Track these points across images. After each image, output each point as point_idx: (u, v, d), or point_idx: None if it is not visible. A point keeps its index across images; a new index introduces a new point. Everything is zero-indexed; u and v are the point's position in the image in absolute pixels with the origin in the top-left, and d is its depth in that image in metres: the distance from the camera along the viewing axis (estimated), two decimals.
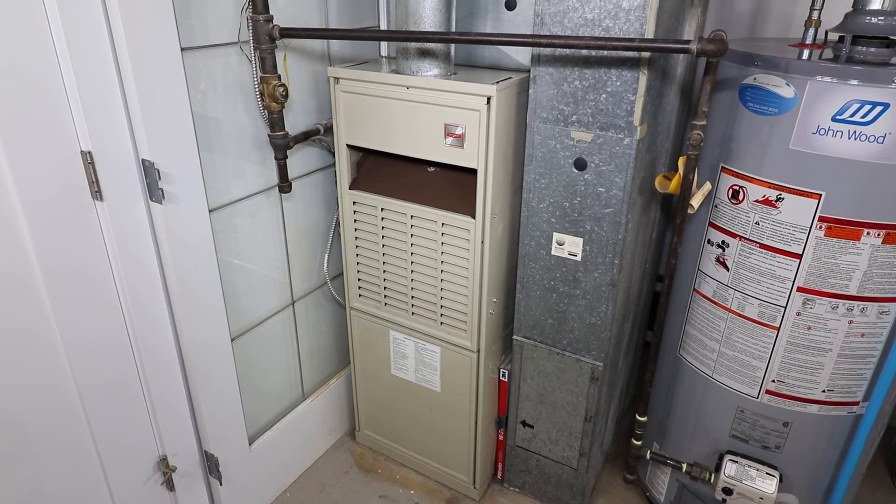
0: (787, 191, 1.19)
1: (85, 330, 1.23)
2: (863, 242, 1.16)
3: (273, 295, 1.67)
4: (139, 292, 1.31)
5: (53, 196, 1.12)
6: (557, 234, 1.39)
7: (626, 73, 1.19)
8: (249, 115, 1.44)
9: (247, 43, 1.37)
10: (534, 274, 1.46)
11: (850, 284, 1.20)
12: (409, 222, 1.51)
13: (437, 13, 1.34)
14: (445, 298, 1.55)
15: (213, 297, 1.44)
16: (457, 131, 1.35)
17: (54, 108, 1.08)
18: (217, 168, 1.39)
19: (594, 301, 1.41)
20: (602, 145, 1.26)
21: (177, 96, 1.22)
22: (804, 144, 1.15)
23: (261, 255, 1.59)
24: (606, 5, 1.15)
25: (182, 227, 1.30)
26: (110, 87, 1.14)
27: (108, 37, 1.10)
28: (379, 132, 1.47)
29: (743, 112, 1.24)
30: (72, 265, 1.18)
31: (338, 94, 1.49)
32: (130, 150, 1.21)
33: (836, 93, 1.10)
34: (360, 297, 1.72)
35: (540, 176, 1.36)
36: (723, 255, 1.34)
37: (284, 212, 1.62)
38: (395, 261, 1.59)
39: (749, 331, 1.33)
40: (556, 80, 1.26)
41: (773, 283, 1.26)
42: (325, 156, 1.70)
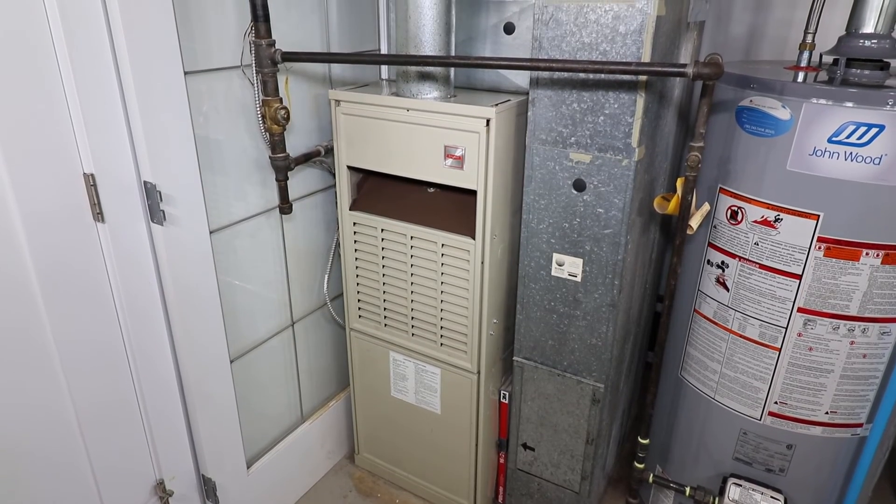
0: (785, 211, 1.20)
1: (83, 351, 1.23)
2: (862, 263, 1.16)
3: (273, 316, 1.67)
4: (139, 314, 1.31)
5: (55, 218, 1.12)
6: (557, 254, 1.39)
7: (623, 96, 1.20)
8: (251, 137, 1.45)
9: (249, 67, 1.39)
10: (534, 294, 1.46)
11: (850, 305, 1.20)
12: (409, 243, 1.52)
13: (437, 37, 1.36)
14: (445, 319, 1.55)
15: (213, 319, 1.43)
16: (456, 153, 1.36)
17: (58, 132, 1.09)
18: (218, 189, 1.40)
19: (594, 322, 1.41)
20: (601, 167, 1.27)
21: (179, 119, 1.23)
22: (801, 165, 1.16)
23: (261, 276, 1.59)
24: (603, 30, 1.17)
25: (183, 249, 1.31)
26: (114, 110, 1.15)
27: (113, 61, 1.12)
28: (379, 154, 1.48)
29: (740, 133, 1.25)
30: (72, 287, 1.18)
31: (339, 117, 1.50)
32: (132, 172, 1.22)
33: (831, 115, 1.11)
34: (359, 317, 1.72)
35: (539, 197, 1.36)
36: (723, 276, 1.34)
37: (285, 232, 1.63)
38: (395, 281, 1.59)
39: (750, 352, 1.32)
40: (555, 103, 1.28)
41: (774, 304, 1.26)
42: (325, 177, 1.71)
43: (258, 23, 1.33)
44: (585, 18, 1.18)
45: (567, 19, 1.20)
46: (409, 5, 1.34)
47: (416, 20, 1.34)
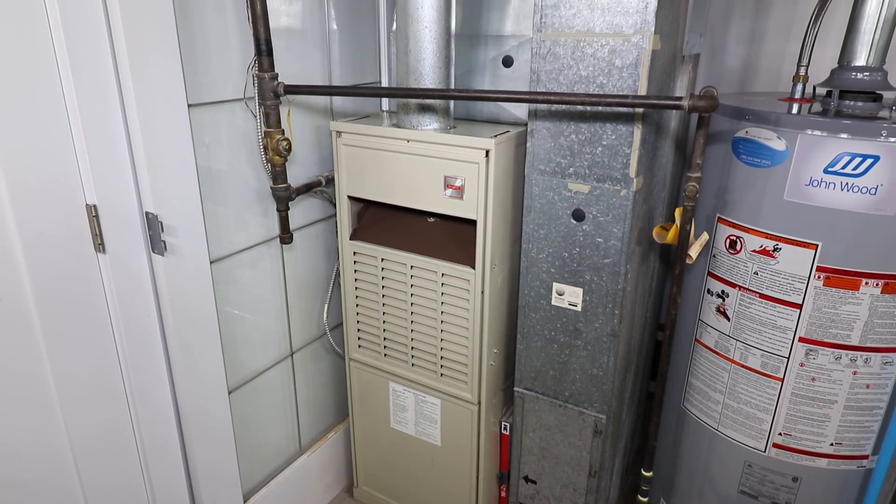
0: (783, 241, 1.20)
1: (80, 381, 1.22)
2: (862, 292, 1.16)
3: (272, 346, 1.66)
4: (137, 345, 1.31)
5: (56, 249, 1.13)
6: (557, 284, 1.39)
7: (620, 128, 1.22)
8: (252, 168, 1.47)
9: (252, 99, 1.41)
10: (534, 324, 1.46)
11: (851, 335, 1.19)
12: (409, 272, 1.52)
13: (437, 70, 1.39)
14: (446, 349, 1.54)
15: (212, 350, 1.43)
16: (456, 183, 1.38)
17: (62, 163, 1.10)
18: (219, 219, 1.41)
19: (595, 352, 1.40)
20: (599, 197, 1.28)
21: (182, 151, 1.25)
22: (798, 195, 1.17)
23: (260, 306, 1.59)
24: (600, 63, 1.20)
25: (183, 280, 1.31)
26: (117, 141, 1.17)
27: (118, 94, 1.14)
28: (380, 184, 1.49)
29: (737, 164, 1.26)
30: (71, 317, 1.18)
31: (339, 147, 1.52)
32: (135, 203, 1.22)
33: (826, 146, 1.12)
34: (359, 347, 1.71)
35: (539, 227, 1.37)
36: (723, 305, 1.34)
37: (285, 262, 1.63)
38: (395, 311, 1.59)
39: (753, 382, 1.31)
40: (553, 134, 1.29)
41: (775, 334, 1.25)
42: (326, 207, 1.72)
43: (261, 56, 1.36)
44: (582, 52, 1.20)
45: (564, 53, 1.22)
46: (409, 39, 1.37)
47: (416, 54, 1.37)
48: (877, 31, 1.22)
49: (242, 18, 1.35)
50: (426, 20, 1.34)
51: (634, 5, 1.13)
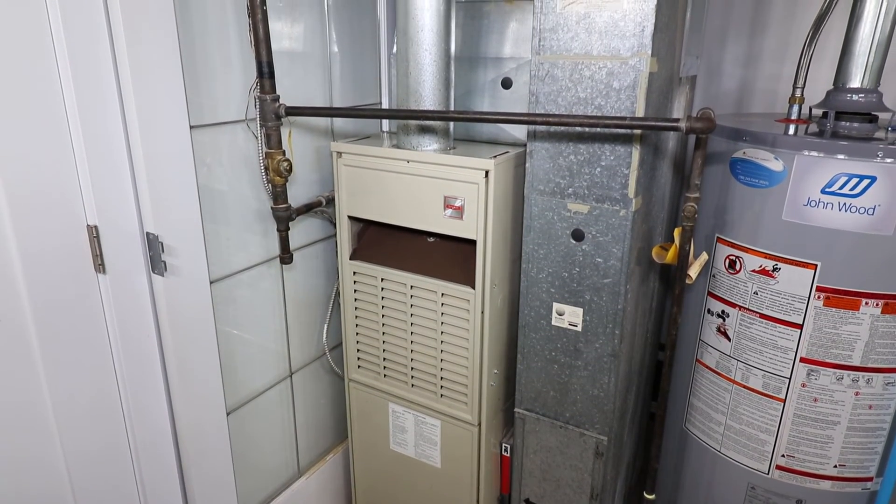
0: (782, 261, 1.21)
1: (77, 400, 1.21)
2: (862, 312, 1.16)
3: (271, 366, 1.65)
4: (135, 366, 1.30)
5: (56, 269, 1.13)
6: (557, 304, 1.39)
7: (619, 148, 1.23)
8: (253, 188, 1.47)
9: (253, 120, 1.42)
10: (534, 344, 1.45)
11: (852, 355, 1.19)
12: (408, 292, 1.52)
13: (437, 92, 1.40)
14: (445, 370, 1.53)
15: (211, 371, 1.42)
16: (456, 203, 1.38)
17: (64, 184, 1.11)
18: (220, 239, 1.41)
19: (596, 372, 1.39)
20: (598, 217, 1.29)
21: (184, 172, 1.25)
22: (796, 216, 1.17)
23: (260, 326, 1.59)
24: (598, 85, 1.21)
25: (183, 300, 1.31)
26: (120, 163, 1.17)
27: (121, 115, 1.15)
28: (380, 204, 1.50)
29: (735, 184, 1.27)
30: (69, 337, 1.18)
31: (340, 168, 1.53)
32: (136, 223, 1.23)
33: (823, 166, 1.13)
34: (358, 368, 1.70)
35: (538, 246, 1.37)
36: (723, 325, 1.33)
37: (285, 282, 1.63)
38: (394, 331, 1.59)
39: (755, 403, 1.30)
40: (552, 155, 1.30)
41: (776, 354, 1.25)
42: (326, 226, 1.73)
43: (263, 79, 1.38)
44: (580, 75, 1.22)
45: (562, 75, 1.24)
46: (409, 62, 1.38)
47: (416, 76, 1.39)
48: (871, 53, 1.24)
49: (245, 41, 1.36)
50: (426, 43, 1.36)
51: (631, 29, 1.15)
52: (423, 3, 1.33)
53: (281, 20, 1.45)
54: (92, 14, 1.07)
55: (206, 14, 1.27)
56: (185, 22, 1.22)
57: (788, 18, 1.74)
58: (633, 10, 1.14)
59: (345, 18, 1.63)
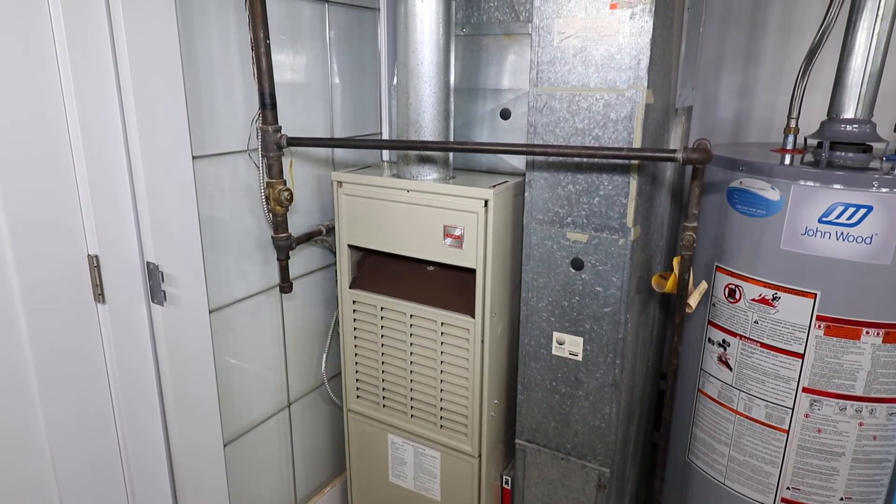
0: (782, 290, 1.21)
1: (73, 430, 1.20)
2: (863, 342, 1.16)
3: (269, 397, 1.64)
4: (132, 396, 1.29)
5: (56, 298, 1.13)
6: (557, 333, 1.38)
7: (617, 178, 1.24)
8: (254, 217, 1.48)
9: (255, 151, 1.44)
10: (535, 374, 1.44)
11: (855, 385, 1.18)
12: (408, 321, 1.51)
13: (436, 123, 1.42)
14: (445, 400, 1.52)
15: (208, 402, 1.41)
16: (455, 232, 1.39)
17: (66, 214, 1.12)
18: (220, 268, 1.41)
19: (597, 402, 1.38)
20: (597, 246, 1.29)
21: (185, 202, 1.26)
22: (795, 245, 1.18)
23: (258, 356, 1.58)
24: (595, 116, 1.23)
25: (181, 330, 1.30)
26: (122, 193, 1.18)
27: (124, 146, 1.16)
28: (380, 233, 1.50)
29: (732, 213, 1.28)
30: (67, 366, 1.17)
31: (340, 197, 1.54)
32: (136, 253, 1.23)
33: (820, 196, 1.14)
34: (357, 398, 1.69)
35: (538, 275, 1.38)
36: (724, 355, 1.33)
37: (284, 311, 1.63)
38: (394, 360, 1.58)
39: (758, 434, 1.29)
40: (551, 184, 1.31)
41: (778, 384, 1.24)
42: (326, 255, 1.73)
43: (265, 110, 1.40)
44: (578, 106, 1.24)
45: (560, 107, 1.25)
46: (409, 93, 1.40)
47: (416, 107, 1.41)
48: (863, 85, 1.26)
49: (248, 73, 1.39)
50: (426, 75, 1.38)
51: (627, 62, 1.17)
52: (423, 36, 1.36)
53: (283, 52, 1.48)
54: (98, 46, 1.10)
55: (210, 47, 1.30)
56: (190, 54, 1.25)
57: (781, 50, 1.77)
58: (628, 43, 1.16)
59: (346, 51, 1.66)
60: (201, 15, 1.27)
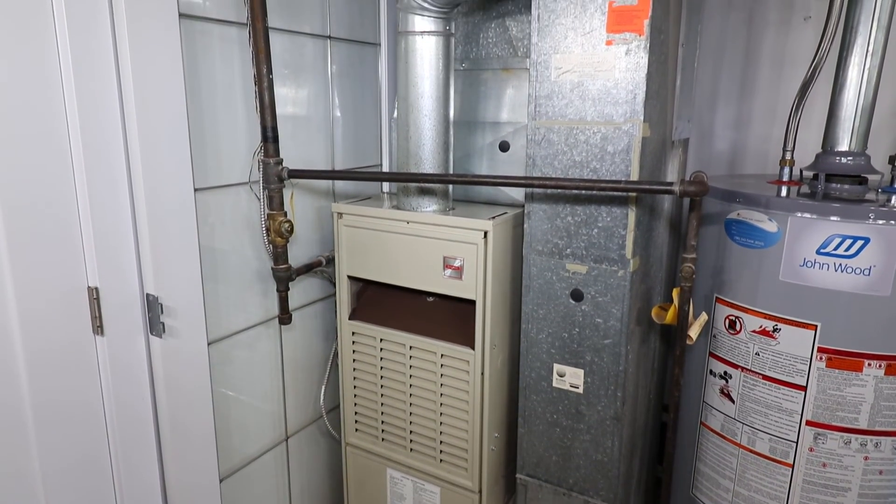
0: (782, 321, 1.20)
1: (67, 465, 1.18)
2: (865, 374, 1.15)
3: (267, 430, 1.62)
4: (128, 428, 1.27)
5: (55, 330, 1.12)
6: (558, 365, 1.38)
7: (615, 210, 1.25)
8: (254, 249, 1.49)
9: (256, 183, 1.45)
10: (535, 407, 1.43)
11: (859, 418, 1.17)
12: (407, 353, 1.51)
13: (436, 155, 1.44)
14: (445, 433, 1.50)
15: (205, 436, 1.39)
16: (455, 263, 1.39)
17: (67, 247, 1.12)
18: (219, 299, 1.41)
19: (599, 436, 1.36)
20: (597, 277, 1.29)
21: (186, 233, 1.27)
22: (793, 276, 1.18)
23: (256, 388, 1.56)
24: (593, 149, 1.24)
25: (179, 362, 1.30)
26: (123, 226, 1.19)
27: (127, 180, 1.17)
28: (379, 264, 1.51)
29: (731, 245, 1.29)
30: (63, 399, 1.16)
31: (340, 228, 1.55)
32: (136, 284, 1.23)
33: (817, 228, 1.14)
34: (356, 431, 1.67)
35: (538, 307, 1.37)
36: (727, 387, 1.32)
37: (283, 343, 1.62)
38: (393, 393, 1.56)
39: (762, 468, 1.27)
40: (550, 216, 1.32)
41: (781, 417, 1.23)
42: (325, 286, 1.73)
43: (267, 143, 1.41)
44: (575, 139, 1.25)
45: (558, 139, 1.27)
46: (409, 127, 1.42)
47: (416, 140, 1.43)
48: (856, 118, 1.28)
49: (250, 107, 1.41)
50: (426, 109, 1.40)
51: (623, 96, 1.19)
52: (423, 71, 1.38)
53: (286, 86, 1.51)
54: (103, 78, 1.11)
55: (213, 80, 1.32)
56: (194, 88, 1.27)
57: (775, 83, 1.80)
58: (624, 78, 1.18)
59: (347, 84, 1.69)
60: (206, 50, 1.29)
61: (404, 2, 1.34)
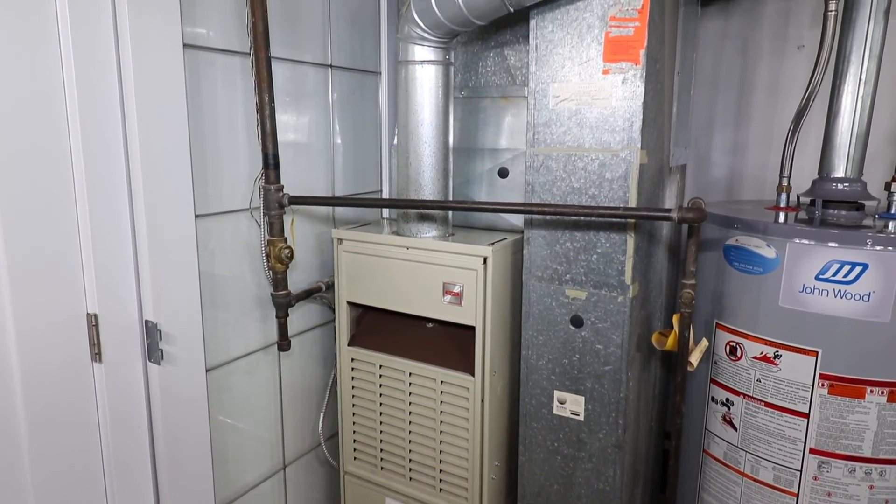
0: (783, 347, 1.20)
1: (61, 493, 1.16)
2: (868, 401, 1.14)
3: (264, 458, 1.59)
4: (124, 457, 1.26)
5: (53, 357, 1.12)
6: (558, 392, 1.37)
7: (614, 236, 1.25)
8: (254, 274, 1.49)
9: (257, 209, 1.46)
10: (536, 435, 1.41)
11: (862, 445, 1.15)
12: (407, 380, 1.50)
13: (436, 182, 1.45)
14: (445, 462, 1.48)
15: (202, 465, 1.37)
16: (455, 289, 1.39)
17: (68, 273, 1.12)
18: (218, 325, 1.40)
19: (601, 464, 1.35)
20: (597, 303, 1.29)
21: (187, 260, 1.27)
22: (793, 302, 1.18)
23: (254, 416, 1.55)
24: (591, 176, 1.25)
25: (177, 390, 1.29)
26: (124, 252, 1.19)
27: (129, 207, 1.18)
28: (379, 290, 1.51)
29: (730, 271, 1.29)
30: (59, 426, 1.14)
31: (340, 254, 1.55)
32: (135, 311, 1.23)
33: (815, 254, 1.15)
34: (355, 459, 1.65)
35: (538, 333, 1.37)
36: (729, 414, 1.30)
37: (282, 369, 1.61)
38: (392, 420, 1.55)
39: (767, 498, 1.25)
40: (549, 242, 1.33)
41: (785, 445, 1.22)
42: (325, 312, 1.73)
43: (269, 169, 1.42)
44: (574, 166, 1.27)
45: (557, 166, 1.28)
46: (409, 153, 1.44)
47: (416, 166, 1.44)
48: (851, 145, 1.29)
49: (252, 134, 1.43)
50: (426, 136, 1.42)
51: (621, 123, 1.20)
52: (422, 99, 1.40)
53: (287, 113, 1.53)
54: (107, 106, 1.13)
55: (215, 108, 1.34)
56: (196, 116, 1.28)
57: (771, 110, 1.82)
58: (621, 106, 1.20)
59: (348, 112, 1.71)
60: (209, 79, 1.31)
61: (405, 32, 1.37)
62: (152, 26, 1.14)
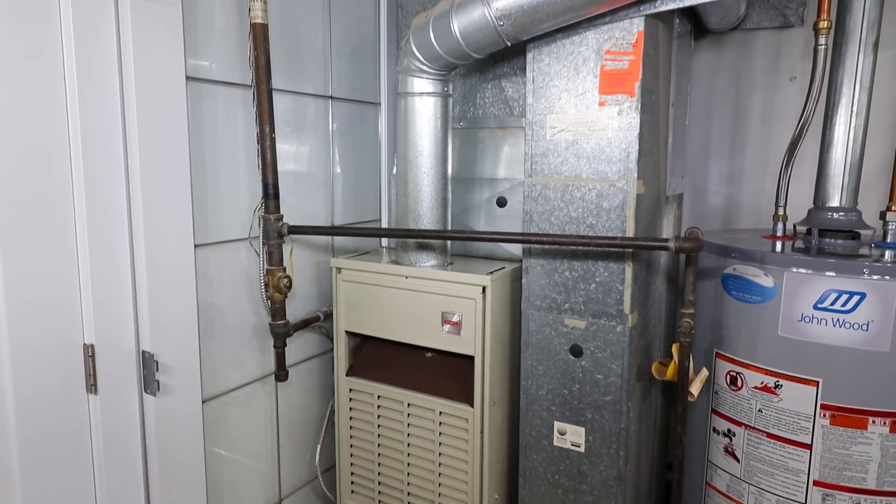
0: (783, 377, 1.19)
1: None
2: (871, 431, 1.13)
3: (259, 492, 1.57)
4: (117, 489, 1.23)
5: (47, 388, 1.10)
6: (558, 423, 1.35)
7: (612, 265, 1.26)
8: (252, 304, 1.48)
9: (256, 238, 1.46)
10: (536, 466, 1.39)
11: (867, 477, 1.14)
12: (405, 411, 1.48)
13: (435, 211, 1.46)
14: (444, 495, 1.46)
15: (196, 498, 1.34)
16: (454, 318, 1.39)
17: (65, 304, 1.12)
18: (215, 355, 1.39)
19: (602, 497, 1.32)
20: (596, 332, 1.29)
21: (185, 290, 1.27)
22: (792, 331, 1.18)
23: (251, 447, 1.52)
24: (588, 206, 1.26)
25: (173, 421, 1.27)
26: (123, 282, 1.19)
27: (128, 236, 1.18)
28: (378, 319, 1.50)
29: (728, 300, 1.29)
30: (52, 458, 1.13)
31: (339, 283, 1.55)
32: (132, 342, 1.22)
33: (813, 283, 1.15)
34: (352, 493, 1.62)
35: (537, 363, 1.36)
36: (731, 445, 1.29)
37: (279, 400, 1.59)
38: (390, 452, 1.52)
39: None
40: (548, 271, 1.33)
41: (788, 477, 1.20)
42: (323, 341, 1.72)
43: (268, 199, 1.43)
44: (571, 196, 1.28)
45: (554, 196, 1.29)
46: (408, 183, 1.45)
47: (415, 196, 1.45)
48: (845, 175, 1.31)
49: (252, 164, 1.44)
50: (425, 166, 1.43)
51: (617, 154, 1.22)
52: (421, 130, 1.42)
53: (288, 143, 1.54)
54: (109, 137, 1.14)
55: (217, 139, 1.35)
56: (198, 146, 1.30)
57: (765, 139, 1.85)
58: (617, 137, 1.22)
59: (348, 142, 1.73)
60: (211, 110, 1.33)
61: (404, 64, 1.39)
62: (156, 59, 1.17)
